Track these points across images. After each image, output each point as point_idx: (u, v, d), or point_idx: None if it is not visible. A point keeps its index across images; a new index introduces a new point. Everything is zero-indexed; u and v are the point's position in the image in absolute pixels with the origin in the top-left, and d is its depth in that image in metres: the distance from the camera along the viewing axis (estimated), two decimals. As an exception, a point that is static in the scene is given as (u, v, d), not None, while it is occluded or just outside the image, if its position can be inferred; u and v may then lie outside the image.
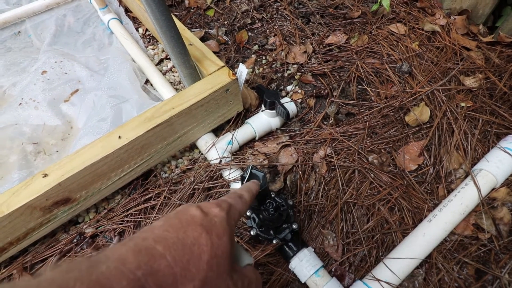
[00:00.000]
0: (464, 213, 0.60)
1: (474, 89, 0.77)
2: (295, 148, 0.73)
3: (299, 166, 0.71)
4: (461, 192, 0.62)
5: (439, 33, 0.90)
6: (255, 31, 1.01)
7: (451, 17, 0.93)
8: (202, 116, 0.69)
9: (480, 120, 0.72)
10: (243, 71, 0.72)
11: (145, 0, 0.54)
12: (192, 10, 1.08)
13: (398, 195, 0.65)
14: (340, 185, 0.67)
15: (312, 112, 0.81)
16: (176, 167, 0.75)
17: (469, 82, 0.78)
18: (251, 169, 0.52)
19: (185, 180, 0.70)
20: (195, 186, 0.68)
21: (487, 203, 0.62)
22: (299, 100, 0.83)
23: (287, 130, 0.78)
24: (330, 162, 0.70)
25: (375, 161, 0.70)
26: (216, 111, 0.71)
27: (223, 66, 0.70)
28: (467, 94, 0.77)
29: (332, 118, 0.78)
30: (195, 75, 0.70)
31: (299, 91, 0.85)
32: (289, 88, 0.86)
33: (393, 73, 0.82)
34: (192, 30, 1.03)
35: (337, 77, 0.87)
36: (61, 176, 0.57)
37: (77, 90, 0.86)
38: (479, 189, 0.61)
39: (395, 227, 0.63)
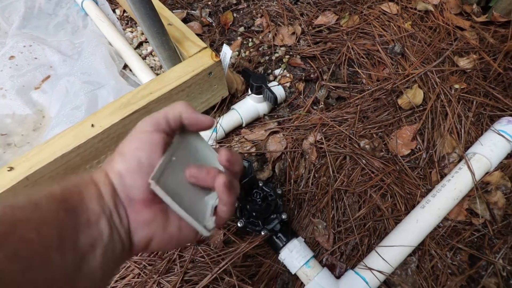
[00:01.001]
0: (458, 198, 0.59)
1: (468, 70, 0.75)
2: (283, 135, 0.70)
3: (288, 153, 0.68)
4: (454, 177, 0.60)
5: (432, 12, 0.86)
6: (241, 12, 0.96)
7: (444, -5, 0.89)
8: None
9: (474, 102, 0.70)
10: (227, 52, 0.67)
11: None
12: (173, -10, 1.01)
13: (390, 181, 0.62)
14: (331, 172, 0.64)
15: (301, 96, 0.77)
16: (158, 157, 0.70)
17: (463, 63, 0.75)
18: (236, 157, 0.48)
19: (167, 170, 0.66)
20: (178, 177, 0.64)
21: (481, 187, 0.60)
22: (288, 84, 0.79)
23: (275, 116, 0.74)
24: (320, 148, 0.67)
25: (366, 146, 0.67)
26: (199, 97, 0.67)
27: (205, 48, 0.65)
28: (461, 76, 0.74)
29: (322, 103, 0.75)
30: (175, 57, 0.65)
31: (288, 75, 0.81)
32: (277, 71, 0.81)
33: (385, 55, 0.79)
34: (174, 11, 0.96)
35: (327, 59, 0.83)
36: (28, 169, 0.52)
37: (48, 76, 0.80)
38: (473, 173, 0.59)
39: (388, 214, 0.61)
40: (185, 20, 0.93)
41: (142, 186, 0.26)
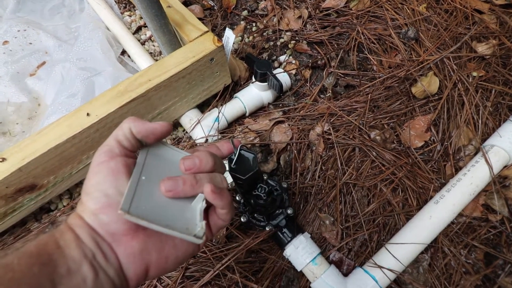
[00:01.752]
0: (474, 193, 0.55)
1: (487, 57, 0.70)
2: (289, 125, 0.67)
3: (294, 144, 0.65)
4: (471, 171, 0.57)
5: (449, -6, 0.81)
6: (245, -6, 0.91)
7: (462, -24, 0.83)
8: (184, 89, 0.61)
9: (493, 91, 0.66)
10: (230, 37, 0.63)
11: None
12: (173, -29, 0.96)
13: (402, 174, 0.59)
14: (339, 165, 0.61)
15: (308, 84, 0.73)
16: (159, 147, 0.67)
17: (482, 48, 0.71)
18: (240, 149, 0.45)
19: (168, 161, 0.63)
20: (179, 168, 0.61)
21: (499, 182, 0.56)
22: (293, 71, 0.75)
23: (280, 105, 0.71)
24: (328, 139, 0.64)
25: (377, 137, 0.63)
26: (200, 84, 0.63)
27: (207, 32, 0.61)
28: (479, 62, 0.70)
29: (330, 91, 0.71)
30: (175, 42, 0.61)
31: (293, 61, 0.77)
32: (282, 58, 0.77)
33: (398, 40, 0.74)
34: (174, -7, 0.91)
35: (335, 45, 0.78)
36: (21, 160, 0.50)
37: (44, 63, 0.77)
38: (490, 167, 0.56)
39: (398, 209, 0.58)
40: (186, 3, 0.88)
41: (118, 219, 0.24)
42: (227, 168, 0.44)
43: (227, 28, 0.64)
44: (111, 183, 0.25)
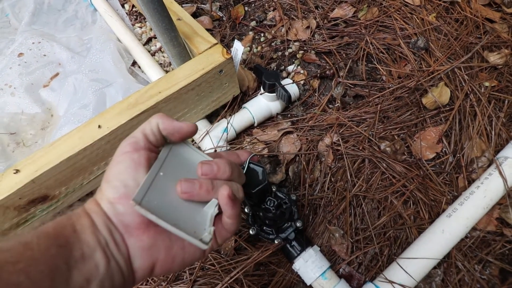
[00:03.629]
0: (488, 206, 0.54)
1: (499, 66, 0.69)
2: (298, 135, 0.66)
3: (303, 155, 0.64)
4: (484, 183, 0.55)
5: (459, 3, 0.80)
6: (252, 5, 0.92)
7: (472, -15, 0.82)
8: (193, 101, 0.62)
9: (506, 102, 0.64)
10: (238, 49, 0.64)
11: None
12: (183, -17, 0.98)
13: (413, 187, 0.58)
14: (349, 176, 0.61)
15: (316, 94, 0.73)
16: (168, 157, 0.68)
17: (494, 58, 0.70)
18: (249, 163, 0.45)
19: (177, 172, 0.63)
20: (188, 179, 0.61)
21: (514, 195, 0.55)
22: (302, 82, 0.75)
23: (289, 115, 0.71)
24: (337, 150, 0.64)
25: (387, 149, 0.62)
26: (209, 95, 0.64)
27: (216, 44, 0.62)
28: (491, 72, 0.69)
29: (339, 101, 0.71)
30: (184, 54, 0.62)
31: (302, 71, 0.77)
32: (290, 68, 0.77)
33: (407, 50, 0.74)
34: (183, 5, 0.93)
35: (344, 55, 0.78)
36: (34, 171, 0.51)
37: (57, 74, 0.79)
38: (505, 179, 0.55)
39: (410, 222, 0.56)
40: (195, 15, 0.90)
41: (133, 211, 0.24)
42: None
43: (236, 40, 0.65)
44: (131, 174, 0.25)
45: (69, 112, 0.69)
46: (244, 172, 0.43)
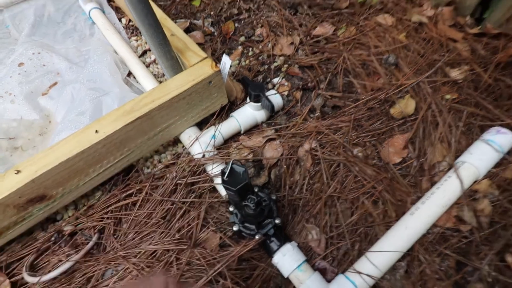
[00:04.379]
0: (447, 205, 0.60)
1: (460, 81, 0.77)
2: (280, 142, 0.72)
3: (284, 160, 0.70)
4: (443, 185, 0.62)
5: (426, 24, 0.89)
6: (242, 22, 0.99)
7: (439, 8, 0.92)
8: (184, 109, 0.67)
9: (465, 112, 0.72)
10: (226, 62, 0.70)
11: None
12: (177, 0, 1.05)
13: (382, 188, 0.64)
14: (325, 179, 0.67)
15: (299, 105, 0.79)
16: (159, 162, 0.73)
17: (455, 74, 0.78)
18: (232, 164, 0.50)
19: (167, 175, 0.68)
20: (178, 181, 0.66)
21: (469, 196, 0.62)
22: (286, 93, 0.82)
23: (273, 124, 0.77)
24: (315, 155, 0.70)
25: (360, 154, 0.69)
26: (199, 104, 0.69)
27: (206, 58, 0.68)
28: (452, 86, 0.77)
29: (319, 111, 0.77)
30: (177, 66, 0.68)
31: (286, 83, 0.84)
32: (275, 80, 0.84)
33: (379, 65, 0.81)
34: (177, 20, 1.00)
35: (324, 69, 0.85)
36: (34, 172, 0.55)
37: (55, 83, 0.83)
38: (461, 182, 0.61)
39: (379, 220, 0.62)
40: (188, 30, 0.97)
41: None
42: (220, 181, 0.49)
43: (224, 54, 0.71)
44: None
45: (66, 119, 0.73)
46: (227, 172, 0.49)
